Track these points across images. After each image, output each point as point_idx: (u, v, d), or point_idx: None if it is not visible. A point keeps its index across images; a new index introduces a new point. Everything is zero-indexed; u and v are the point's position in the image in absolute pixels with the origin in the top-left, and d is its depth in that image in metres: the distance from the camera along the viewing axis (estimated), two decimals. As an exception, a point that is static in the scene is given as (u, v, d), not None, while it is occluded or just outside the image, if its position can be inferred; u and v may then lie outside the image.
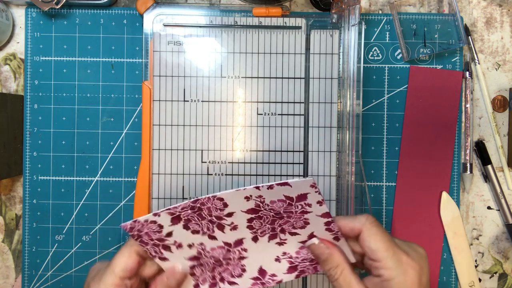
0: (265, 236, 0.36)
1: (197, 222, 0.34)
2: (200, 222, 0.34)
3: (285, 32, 0.49)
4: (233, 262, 0.37)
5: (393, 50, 0.50)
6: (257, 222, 0.35)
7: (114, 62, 0.50)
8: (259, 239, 0.36)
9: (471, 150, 0.50)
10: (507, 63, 0.51)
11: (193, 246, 0.35)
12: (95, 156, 0.50)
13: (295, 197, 0.33)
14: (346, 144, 0.46)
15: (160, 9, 0.48)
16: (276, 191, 0.32)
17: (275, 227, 0.35)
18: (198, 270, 0.36)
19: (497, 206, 0.51)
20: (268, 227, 0.35)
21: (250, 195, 0.32)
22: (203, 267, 0.37)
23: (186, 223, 0.34)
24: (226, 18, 0.48)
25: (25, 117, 0.49)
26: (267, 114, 0.49)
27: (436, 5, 0.50)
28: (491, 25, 0.51)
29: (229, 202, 0.33)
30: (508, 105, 0.51)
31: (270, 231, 0.35)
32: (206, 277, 0.37)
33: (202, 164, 0.49)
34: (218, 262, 0.36)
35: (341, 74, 0.48)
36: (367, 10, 0.51)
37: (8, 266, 0.50)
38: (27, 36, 0.49)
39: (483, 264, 0.51)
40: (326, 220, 0.34)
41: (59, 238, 0.50)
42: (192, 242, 0.35)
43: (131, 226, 0.33)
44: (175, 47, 0.49)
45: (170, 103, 0.49)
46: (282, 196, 0.33)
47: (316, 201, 0.33)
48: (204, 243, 0.35)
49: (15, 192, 0.50)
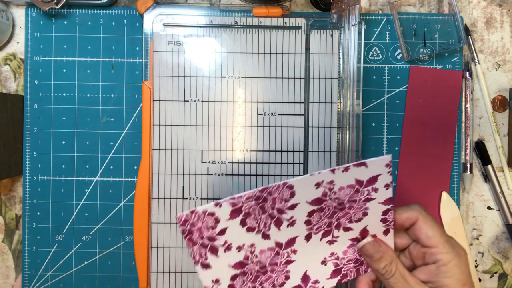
0: (319, 234, 0.36)
1: (256, 216, 0.34)
2: (259, 216, 0.34)
3: (285, 32, 0.49)
4: (278, 269, 0.36)
5: (393, 50, 0.50)
6: (317, 216, 0.35)
7: (114, 62, 0.50)
8: (312, 237, 0.36)
9: (471, 150, 0.50)
10: (507, 63, 0.51)
11: (242, 248, 0.34)
12: (95, 156, 0.50)
13: (365, 181, 0.33)
14: (346, 144, 0.46)
15: (160, 9, 0.48)
16: (349, 174, 0.33)
17: (332, 221, 0.35)
18: (239, 282, 0.35)
19: (497, 206, 0.51)
20: (325, 222, 0.35)
21: (321, 181, 0.33)
22: (245, 277, 0.35)
23: (245, 217, 0.33)
24: (226, 18, 0.48)
25: (25, 117, 0.49)
26: (267, 114, 0.49)
27: (436, 5, 0.51)
28: (491, 25, 0.51)
29: (297, 190, 0.33)
30: (508, 105, 0.51)
31: (325, 227, 0.35)
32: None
33: (202, 164, 0.49)
34: (262, 269, 0.36)
35: (341, 74, 0.48)
36: (367, 10, 0.51)
37: (8, 266, 0.50)
38: (27, 36, 0.49)
39: (483, 264, 0.51)
40: (385, 208, 0.35)
41: (59, 238, 0.50)
42: (243, 243, 0.34)
43: (186, 219, 0.31)
44: (175, 47, 0.49)
45: (170, 103, 0.49)
46: (353, 181, 0.33)
47: (384, 184, 0.34)
48: (255, 244, 0.35)
49: (15, 192, 0.50)
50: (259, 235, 0.34)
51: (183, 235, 0.33)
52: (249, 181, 0.49)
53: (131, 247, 0.49)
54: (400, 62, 0.50)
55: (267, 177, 0.49)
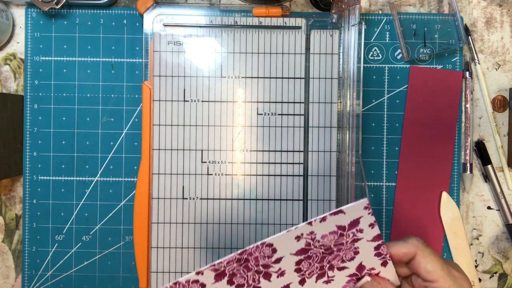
0: (313, 277, 0.35)
1: (243, 275, 0.33)
2: (245, 274, 0.33)
3: (285, 32, 0.49)
4: None
5: (393, 50, 0.50)
6: (306, 263, 0.34)
7: (114, 62, 0.50)
8: (306, 282, 0.35)
9: (471, 150, 0.50)
10: (507, 63, 0.51)
11: None
12: (95, 156, 0.50)
13: (347, 225, 0.32)
14: (346, 144, 0.46)
15: (160, 9, 0.48)
16: (328, 223, 0.32)
17: (324, 264, 0.34)
18: None
19: (497, 206, 0.51)
20: (316, 266, 0.34)
21: (301, 234, 0.32)
22: None
23: (230, 278, 0.33)
24: (226, 18, 0.48)
25: (25, 117, 0.49)
26: (267, 114, 0.49)
27: (436, 5, 0.51)
28: (491, 25, 0.51)
29: (278, 246, 0.32)
30: (508, 105, 0.51)
31: (318, 270, 0.35)
32: None
33: (202, 164, 0.49)
34: None
35: (341, 74, 0.48)
36: (367, 10, 0.51)
37: (8, 266, 0.50)
38: (27, 36, 0.49)
39: (483, 264, 0.51)
40: (376, 244, 0.34)
41: (59, 238, 0.50)
42: None
43: None
44: (175, 47, 0.49)
45: (170, 103, 0.49)
46: (334, 227, 0.32)
47: (368, 224, 0.33)
48: None
49: (15, 192, 0.50)
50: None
51: None
52: (249, 181, 0.49)
53: (131, 247, 0.49)
54: (400, 62, 0.50)
55: (267, 177, 0.49)
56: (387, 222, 0.50)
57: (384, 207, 0.50)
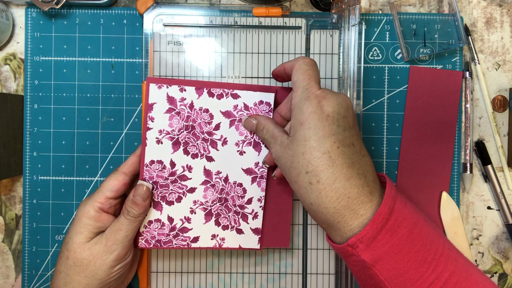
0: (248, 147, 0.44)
1: (193, 143, 0.42)
2: (195, 143, 0.42)
3: (285, 32, 0.49)
4: None
5: (393, 50, 0.50)
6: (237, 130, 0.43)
7: (114, 62, 0.50)
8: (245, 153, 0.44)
9: (471, 150, 0.50)
10: (507, 63, 0.51)
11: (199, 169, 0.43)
12: (95, 156, 0.50)
13: (257, 102, 0.44)
14: (346, 144, 0.46)
15: (160, 9, 0.48)
16: (250, 97, 0.43)
17: None
18: None
19: (497, 206, 0.51)
20: None
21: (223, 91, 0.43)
22: None
23: (185, 146, 0.42)
24: (226, 18, 0.48)
25: (25, 117, 0.49)
26: (267, 114, 0.49)
27: (436, 5, 0.51)
28: (491, 25, 0.51)
29: (211, 108, 0.42)
30: (508, 105, 0.51)
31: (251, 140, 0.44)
32: None
33: (202, 164, 0.49)
34: None
35: (341, 74, 0.48)
36: (367, 10, 0.51)
37: (8, 266, 0.50)
38: (27, 36, 0.49)
39: (483, 264, 0.51)
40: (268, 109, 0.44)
41: (59, 238, 0.50)
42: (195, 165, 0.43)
43: None
44: (175, 47, 0.49)
45: (170, 103, 0.49)
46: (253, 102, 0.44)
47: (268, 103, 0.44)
48: None
49: (15, 192, 0.50)
50: (203, 159, 0.43)
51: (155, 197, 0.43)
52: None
53: (131, 247, 0.49)
54: (400, 62, 0.50)
55: (267, 177, 0.49)
56: (387, 222, 0.50)
57: (384, 207, 0.50)
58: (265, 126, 0.41)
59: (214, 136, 0.42)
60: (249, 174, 0.44)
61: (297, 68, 0.38)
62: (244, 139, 0.43)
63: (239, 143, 0.43)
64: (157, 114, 0.42)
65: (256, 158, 0.44)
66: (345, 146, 0.35)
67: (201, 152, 0.42)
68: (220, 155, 0.43)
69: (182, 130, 0.42)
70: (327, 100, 0.36)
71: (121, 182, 0.42)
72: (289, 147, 0.37)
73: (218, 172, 0.43)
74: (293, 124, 0.37)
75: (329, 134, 0.35)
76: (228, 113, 0.42)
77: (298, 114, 0.36)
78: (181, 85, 0.41)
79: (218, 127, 0.42)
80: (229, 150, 0.43)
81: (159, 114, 0.42)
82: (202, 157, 0.42)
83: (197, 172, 0.43)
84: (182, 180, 0.43)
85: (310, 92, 0.36)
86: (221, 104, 0.42)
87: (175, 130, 0.42)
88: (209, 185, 0.43)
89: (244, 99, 0.43)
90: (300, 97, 0.36)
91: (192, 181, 0.43)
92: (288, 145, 0.37)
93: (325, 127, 0.35)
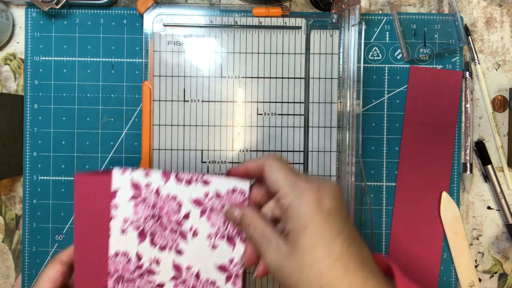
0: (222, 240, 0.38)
1: (161, 234, 0.37)
2: (163, 233, 0.37)
3: (285, 32, 0.49)
4: None
5: (393, 50, 0.50)
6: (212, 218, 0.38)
7: (114, 62, 0.50)
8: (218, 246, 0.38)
9: (471, 150, 0.50)
10: (507, 63, 0.51)
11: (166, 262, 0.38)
12: (95, 156, 0.50)
13: (229, 191, 0.38)
14: (346, 144, 0.47)
15: (160, 9, 0.48)
16: (220, 184, 0.38)
17: None
18: None
19: (497, 206, 0.51)
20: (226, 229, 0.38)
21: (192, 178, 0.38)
22: None
23: (152, 237, 0.37)
24: (226, 18, 0.48)
25: (25, 117, 0.49)
26: (267, 114, 0.49)
27: (436, 5, 0.51)
28: (491, 25, 0.51)
29: (181, 195, 0.37)
30: (508, 105, 0.51)
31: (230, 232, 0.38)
32: None
33: (202, 164, 0.49)
34: None
35: (341, 74, 0.48)
36: (367, 10, 0.51)
37: (8, 266, 0.50)
38: (27, 36, 0.49)
39: (483, 264, 0.51)
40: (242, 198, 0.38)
41: (59, 238, 0.50)
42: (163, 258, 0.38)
43: None
44: (175, 47, 0.49)
45: (170, 103, 0.49)
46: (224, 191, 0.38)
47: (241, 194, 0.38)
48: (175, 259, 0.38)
49: (15, 192, 0.50)
50: (172, 252, 0.38)
51: None
52: (249, 181, 0.49)
53: (131, 247, 0.49)
54: (400, 62, 0.50)
55: (267, 177, 0.49)
56: (387, 222, 0.50)
57: (384, 207, 0.50)
58: (253, 222, 0.34)
59: (183, 226, 0.38)
60: (223, 271, 0.38)
61: (269, 166, 0.34)
62: (216, 231, 0.38)
63: (211, 235, 0.38)
64: (121, 201, 0.38)
65: (230, 253, 0.38)
66: (352, 243, 0.31)
67: (169, 244, 0.38)
68: (190, 248, 0.38)
69: (148, 219, 0.37)
70: (322, 194, 0.32)
71: (58, 272, 0.37)
72: (291, 256, 0.31)
73: (189, 268, 0.38)
74: (291, 228, 0.32)
75: (336, 235, 0.31)
76: (198, 201, 0.38)
77: (297, 217, 0.32)
78: (146, 170, 0.38)
79: (187, 217, 0.38)
80: (200, 243, 0.38)
81: (123, 202, 0.38)
82: (171, 250, 0.38)
83: (165, 266, 0.38)
84: (149, 274, 0.38)
85: (300, 187, 0.32)
86: (190, 190, 0.38)
87: (140, 218, 0.37)
88: (178, 281, 0.38)
89: (216, 185, 0.38)
90: (292, 196, 0.32)
91: (160, 276, 0.38)
92: (289, 254, 0.32)
93: (331, 228, 0.31)
